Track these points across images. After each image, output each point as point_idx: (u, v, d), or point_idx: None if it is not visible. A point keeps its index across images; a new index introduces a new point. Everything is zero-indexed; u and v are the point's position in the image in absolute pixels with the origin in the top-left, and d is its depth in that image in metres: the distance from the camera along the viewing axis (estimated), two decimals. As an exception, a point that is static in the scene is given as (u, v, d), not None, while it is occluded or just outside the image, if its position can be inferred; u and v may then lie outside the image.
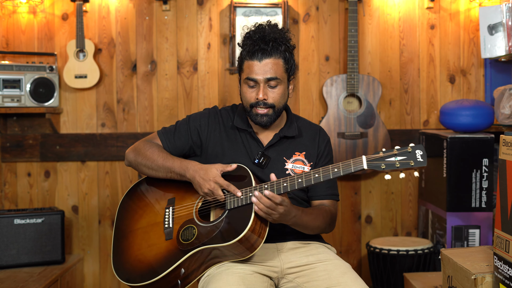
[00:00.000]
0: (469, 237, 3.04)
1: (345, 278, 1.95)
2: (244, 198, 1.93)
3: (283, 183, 1.89)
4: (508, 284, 1.80)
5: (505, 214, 1.83)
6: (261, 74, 2.04)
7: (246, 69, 2.07)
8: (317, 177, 1.87)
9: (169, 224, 2.06)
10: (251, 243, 1.91)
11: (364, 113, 3.44)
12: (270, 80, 2.05)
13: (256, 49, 2.04)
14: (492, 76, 3.49)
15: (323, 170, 1.86)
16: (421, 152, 1.79)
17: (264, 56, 2.04)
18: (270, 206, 1.86)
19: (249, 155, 2.12)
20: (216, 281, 1.91)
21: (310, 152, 2.17)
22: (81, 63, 3.44)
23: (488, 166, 2.99)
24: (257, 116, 2.08)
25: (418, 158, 1.79)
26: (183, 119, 2.24)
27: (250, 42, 2.07)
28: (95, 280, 3.58)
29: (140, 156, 2.16)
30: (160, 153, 2.14)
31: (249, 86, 2.08)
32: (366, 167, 1.80)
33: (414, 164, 1.78)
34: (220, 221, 1.96)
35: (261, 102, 2.06)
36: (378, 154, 1.81)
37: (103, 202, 3.57)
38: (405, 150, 1.80)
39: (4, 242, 3.12)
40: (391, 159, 1.79)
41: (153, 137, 2.22)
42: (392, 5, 3.58)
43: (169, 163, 2.10)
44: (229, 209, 1.96)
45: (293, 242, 2.13)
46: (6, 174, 3.53)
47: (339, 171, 1.84)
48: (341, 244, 3.63)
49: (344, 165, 1.84)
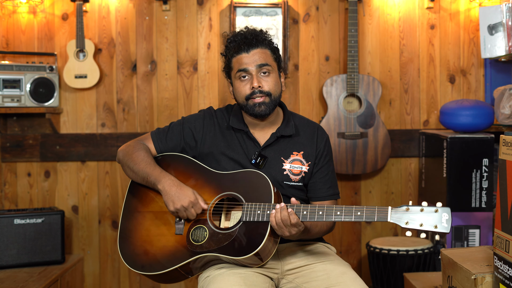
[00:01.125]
0: (469, 237, 3.04)
1: (344, 278, 1.95)
2: (261, 214, 1.91)
3: (303, 211, 1.88)
4: (508, 284, 1.79)
5: (505, 214, 1.83)
6: (251, 63, 2.06)
7: (235, 64, 2.09)
8: (339, 215, 1.85)
9: (181, 218, 2.03)
10: (264, 255, 1.91)
11: (364, 113, 3.44)
12: (261, 66, 2.06)
13: (240, 44, 2.07)
14: (492, 76, 3.49)
15: (346, 210, 1.84)
16: (447, 217, 1.75)
17: (251, 47, 2.06)
18: (285, 222, 1.85)
19: (246, 155, 2.11)
20: (217, 281, 1.90)
21: (308, 151, 2.15)
22: (81, 63, 3.44)
23: (488, 166, 2.99)
24: (254, 106, 2.07)
25: (443, 222, 1.75)
26: (177, 121, 2.24)
27: (233, 44, 2.10)
28: (95, 280, 3.58)
29: (127, 156, 2.15)
30: (145, 157, 2.11)
31: (241, 79, 2.08)
32: (389, 220, 1.79)
33: (438, 229, 1.75)
34: (234, 231, 1.93)
35: (257, 91, 2.05)
36: (403, 208, 1.79)
37: (103, 202, 3.57)
38: (431, 210, 1.77)
39: (4, 242, 3.12)
40: (415, 216, 1.77)
41: (146, 137, 2.22)
42: (392, 5, 3.58)
43: (149, 169, 2.08)
44: (244, 221, 1.94)
45: (293, 243, 2.13)
46: (6, 174, 3.53)
47: (362, 216, 1.83)
48: (341, 244, 3.63)
49: (368, 211, 1.82)
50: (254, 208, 1.93)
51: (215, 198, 2.03)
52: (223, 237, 1.93)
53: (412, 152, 3.61)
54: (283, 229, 1.87)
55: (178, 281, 2.10)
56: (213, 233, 1.95)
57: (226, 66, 2.16)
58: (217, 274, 1.95)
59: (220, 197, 2.02)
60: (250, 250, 1.87)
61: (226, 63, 2.15)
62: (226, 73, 2.18)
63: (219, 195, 2.03)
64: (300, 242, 2.14)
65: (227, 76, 2.18)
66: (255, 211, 1.92)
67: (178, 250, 1.98)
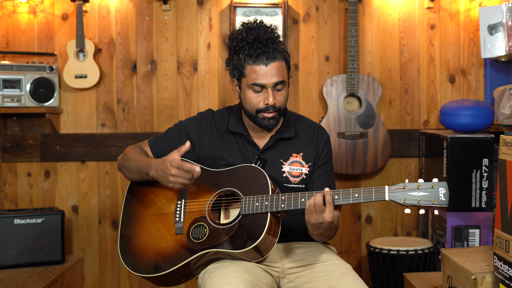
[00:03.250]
0: (469, 237, 3.04)
1: (345, 279, 1.95)
2: (260, 206, 1.92)
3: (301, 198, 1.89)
4: (508, 284, 1.79)
5: (505, 214, 1.83)
6: (269, 79, 2.02)
7: (251, 74, 2.03)
8: (337, 199, 1.86)
9: (180, 218, 2.03)
10: (264, 248, 1.91)
11: (364, 113, 3.44)
12: (277, 84, 2.03)
13: (259, 53, 2.01)
14: (492, 76, 3.49)
15: (344, 193, 1.85)
16: (444, 190, 1.77)
17: (270, 60, 2.01)
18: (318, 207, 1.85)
19: (245, 159, 2.10)
20: (219, 270, 1.91)
21: (308, 153, 2.15)
22: (81, 63, 3.44)
23: (488, 166, 2.99)
24: (264, 120, 2.05)
25: (440, 196, 1.77)
26: (174, 125, 2.23)
27: (245, 44, 2.04)
28: (95, 280, 3.58)
29: (123, 158, 2.17)
30: (138, 154, 2.12)
31: (255, 91, 2.04)
32: (387, 198, 1.80)
33: (436, 203, 1.77)
34: (234, 225, 1.93)
35: (270, 107, 2.04)
36: (400, 186, 1.80)
37: (103, 202, 3.57)
38: (428, 186, 1.79)
39: (4, 242, 3.12)
40: (413, 193, 1.79)
41: (143, 143, 2.24)
42: (392, 5, 3.58)
43: (140, 162, 2.08)
44: (243, 214, 1.94)
45: (294, 242, 2.13)
46: (6, 174, 3.53)
47: (360, 197, 1.84)
48: (341, 244, 3.63)
49: (366, 192, 1.83)
50: (252, 200, 1.93)
51: (213, 195, 2.03)
52: (223, 232, 1.94)
53: (412, 152, 3.61)
54: (313, 213, 1.86)
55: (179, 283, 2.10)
56: (213, 230, 1.96)
57: (234, 66, 2.08)
58: (219, 265, 1.95)
59: (218, 193, 2.03)
60: (251, 242, 1.87)
61: (237, 63, 2.06)
62: (233, 71, 2.10)
63: (217, 192, 2.03)
64: (301, 242, 2.14)
65: (234, 74, 2.10)
66: (253, 204, 1.93)
67: (179, 250, 1.98)
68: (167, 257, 1.98)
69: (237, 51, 2.06)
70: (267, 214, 1.90)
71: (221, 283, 1.84)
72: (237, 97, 2.15)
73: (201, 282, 1.98)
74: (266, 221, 1.89)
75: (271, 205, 1.91)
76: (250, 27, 2.06)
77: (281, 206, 1.90)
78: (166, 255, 1.99)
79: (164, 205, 2.08)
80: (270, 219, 1.90)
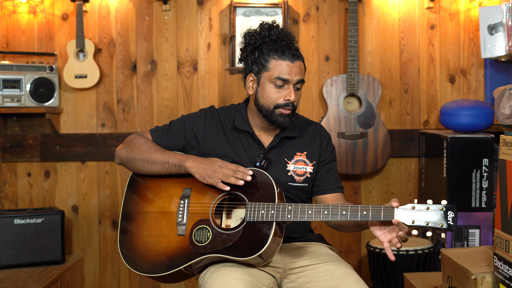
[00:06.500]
0: (469, 237, 3.04)
1: (347, 279, 1.95)
2: (265, 214, 1.89)
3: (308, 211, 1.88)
4: (508, 284, 1.79)
5: (505, 214, 1.83)
6: (293, 75, 2.04)
7: (276, 68, 2.03)
8: (344, 215, 1.86)
9: (183, 218, 1.99)
10: (267, 255, 1.91)
11: (364, 113, 3.44)
12: (299, 82, 2.06)
13: (284, 49, 2.03)
14: (492, 76, 3.49)
15: (352, 209, 1.85)
16: (453, 215, 1.77)
17: (295, 58, 2.05)
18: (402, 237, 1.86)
19: (250, 158, 2.10)
20: (220, 271, 1.90)
21: (312, 151, 2.15)
22: (81, 63, 3.44)
23: (488, 166, 2.99)
24: (280, 116, 2.05)
25: (449, 220, 1.77)
26: (177, 119, 2.19)
27: (268, 40, 2.05)
28: (95, 280, 3.58)
29: (135, 151, 2.10)
30: (155, 145, 2.10)
31: (277, 86, 2.04)
32: (396, 218, 1.79)
33: (444, 227, 1.77)
34: (238, 231, 1.91)
35: (290, 104, 2.04)
36: (409, 206, 1.80)
37: (103, 202, 3.57)
38: (437, 209, 1.78)
39: (4, 242, 3.12)
40: (421, 215, 1.78)
41: (144, 133, 2.19)
42: (392, 5, 3.58)
43: (167, 155, 2.05)
44: (247, 221, 1.92)
45: (296, 243, 2.13)
46: (6, 174, 3.53)
47: (368, 215, 1.83)
48: (341, 244, 3.63)
49: (374, 211, 1.83)
50: (258, 207, 1.91)
51: (217, 197, 2.00)
52: (227, 238, 1.91)
53: (412, 152, 3.61)
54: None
55: (180, 281, 2.10)
56: (217, 234, 1.93)
57: (254, 61, 2.06)
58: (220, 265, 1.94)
59: (222, 196, 2.01)
60: (255, 251, 1.85)
61: (256, 57, 2.05)
62: (252, 66, 2.08)
63: (221, 194, 2.00)
64: (302, 242, 2.14)
65: (252, 69, 2.08)
66: (258, 211, 1.90)
67: (181, 251, 1.96)
68: (168, 258, 1.97)
69: (258, 47, 2.06)
70: (273, 223, 1.88)
71: (221, 284, 1.83)
72: (251, 93, 2.11)
73: (202, 282, 1.97)
74: (271, 231, 1.87)
75: (277, 215, 1.89)
76: (271, 26, 2.08)
77: (287, 216, 1.88)
78: (167, 256, 1.97)
79: (166, 203, 2.05)
80: (275, 228, 1.88)
